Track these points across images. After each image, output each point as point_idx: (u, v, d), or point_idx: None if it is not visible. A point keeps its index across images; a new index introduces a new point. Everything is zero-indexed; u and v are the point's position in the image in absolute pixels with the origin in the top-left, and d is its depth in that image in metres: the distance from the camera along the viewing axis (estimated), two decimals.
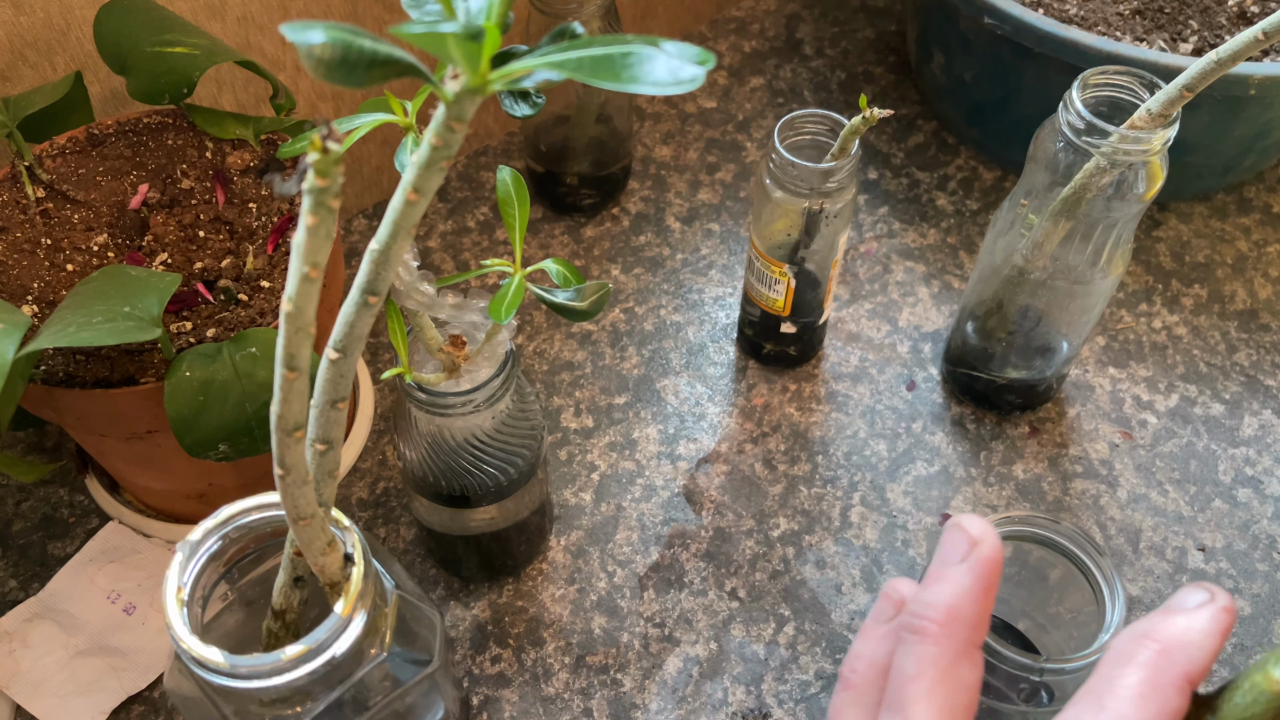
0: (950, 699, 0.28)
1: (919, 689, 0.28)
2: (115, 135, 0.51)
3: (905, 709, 0.28)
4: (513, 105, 0.35)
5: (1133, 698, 0.26)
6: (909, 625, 0.29)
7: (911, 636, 0.29)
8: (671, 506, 0.57)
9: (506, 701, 0.51)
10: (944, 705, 0.28)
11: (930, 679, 0.28)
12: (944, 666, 0.28)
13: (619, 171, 0.70)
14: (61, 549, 0.55)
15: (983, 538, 0.30)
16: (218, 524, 0.36)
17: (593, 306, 0.41)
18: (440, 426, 0.44)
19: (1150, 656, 0.27)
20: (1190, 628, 0.27)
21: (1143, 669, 0.27)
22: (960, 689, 0.28)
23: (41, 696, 0.50)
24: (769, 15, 0.83)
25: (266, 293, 0.48)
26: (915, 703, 0.28)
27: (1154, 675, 0.27)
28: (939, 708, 0.28)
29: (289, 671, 0.33)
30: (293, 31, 0.20)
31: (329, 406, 0.29)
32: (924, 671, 0.28)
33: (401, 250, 0.25)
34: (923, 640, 0.29)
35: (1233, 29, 0.64)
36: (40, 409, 0.46)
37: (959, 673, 0.29)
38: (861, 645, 0.32)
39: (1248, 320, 0.66)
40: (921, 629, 0.29)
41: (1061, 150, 0.48)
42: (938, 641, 0.29)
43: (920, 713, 0.28)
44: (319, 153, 0.21)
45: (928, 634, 0.29)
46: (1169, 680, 0.27)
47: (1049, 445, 0.60)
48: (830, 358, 0.64)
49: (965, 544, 0.30)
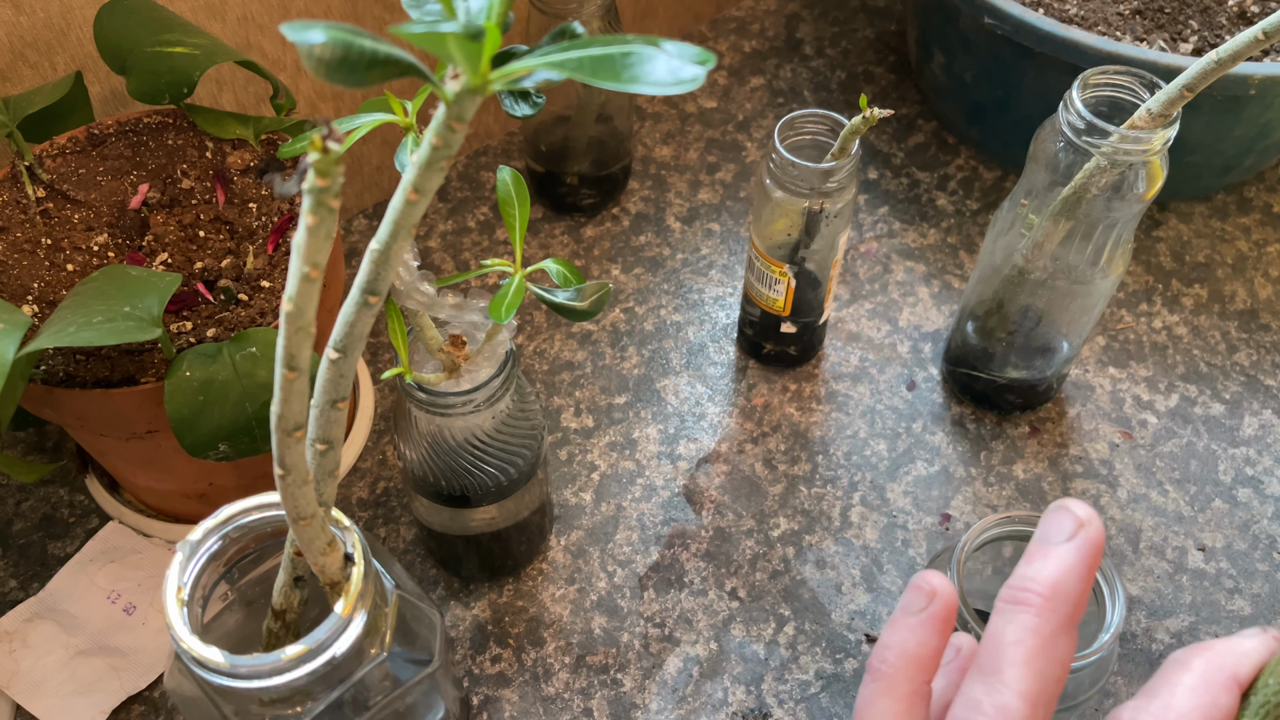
0: (1047, 668, 0.29)
1: (1017, 654, 0.29)
2: (115, 135, 0.51)
3: (1001, 671, 0.29)
4: (513, 105, 0.35)
5: (1187, 692, 0.29)
6: (1010, 597, 0.30)
7: (1011, 607, 0.30)
8: (671, 506, 0.57)
9: (506, 701, 0.51)
10: (1041, 672, 0.29)
11: (1030, 646, 0.29)
12: (1045, 637, 0.29)
13: (619, 171, 0.70)
14: (61, 549, 0.55)
15: (1089, 520, 0.31)
16: (218, 524, 0.36)
17: (593, 306, 0.41)
18: (440, 426, 0.44)
19: (1201, 662, 0.29)
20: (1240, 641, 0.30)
21: (1195, 670, 0.29)
22: (1055, 661, 0.29)
23: (41, 696, 0.50)
24: (769, 15, 0.83)
25: (266, 293, 0.48)
26: (1013, 666, 0.29)
27: (1207, 675, 0.29)
28: (1036, 673, 0.29)
29: (289, 671, 0.33)
30: (293, 31, 0.20)
31: (329, 406, 0.29)
32: (1024, 639, 0.29)
33: (402, 250, 0.25)
34: (1025, 610, 0.30)
35: (1233, 29, 0.64)
36: (40, 409, 0.46)
37: (1057, 645, 0.29)
38: (891, 636, 0.32)
39: (1248, 320, 0.66)
40: (1025, 600, 0.30)
41: (1061, 150, 0.48)
42: (1040, 613, 0.30)
43: (1017, 677, 0.29)
44: (319, 153, 0.21)
45: (1030, 605, 0.30)
46: (1219, 680, 0.29)
47: (1049, 445, 0.60)
48: (830, 358, 0.64)
49: (1072, 524, 0.31)
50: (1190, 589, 0.55)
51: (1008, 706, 0.28)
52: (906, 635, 0.32)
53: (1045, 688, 0.29)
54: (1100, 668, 0.41)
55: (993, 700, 0.28)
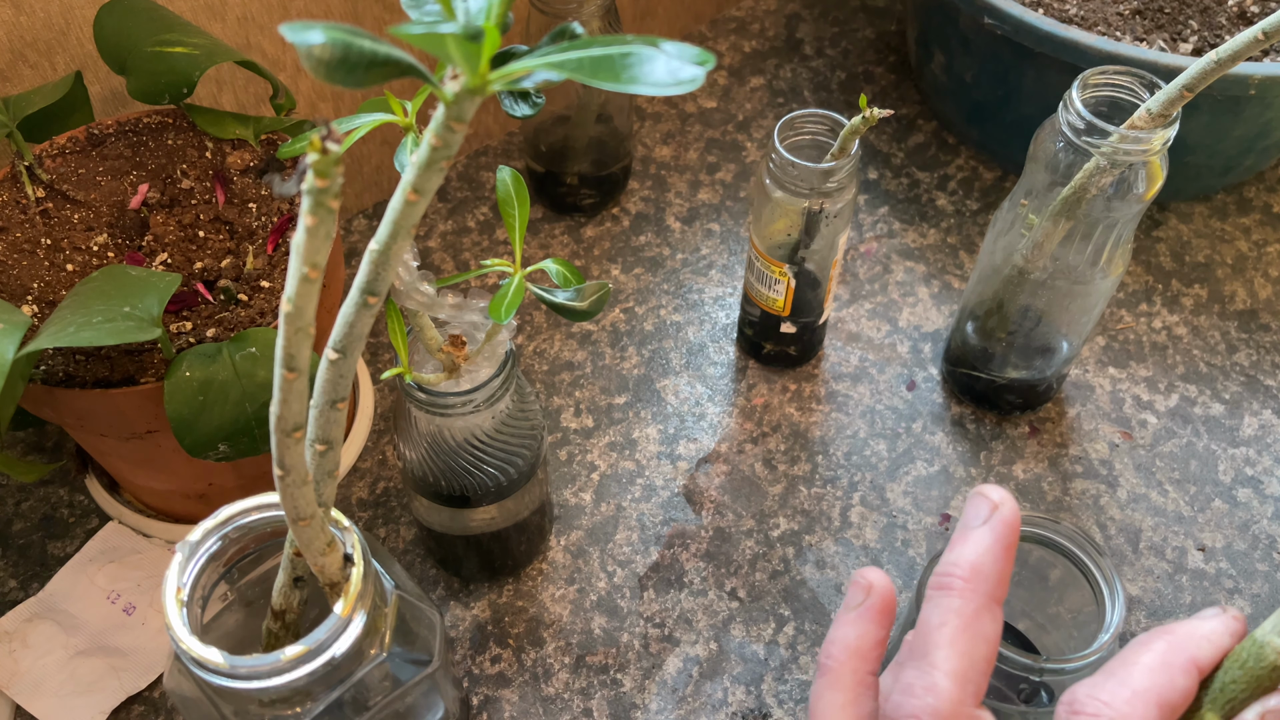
0: (972, 647, 0.30)
1: (943, 635, 0.30)
2: (115, 135, 0.51)
3: (929, 654, 0.30)
4: (513, 105, 0.35)
5: (1145, 671, 0.30)
6: (935, 583, 0.31)
7: (937, 592, 0.31)
8: (671, 506, 0.57)
9: (506, 701, 0.51)
10: (966, 651, 0.30)
11: (954, 627, 0.30)
12: (967, 616, 0.30)
13: (619, 171, 0.70)
14: (61, 549, 0.55)
15: (1003, 502, 0.32)
16: (218, 524, 0.36)
17: (593, 306, 0.41)
18: (440, 426, 0.44)
19: (1163, 643, 0.30)
20: (1202, 625, 0.31)
21: (1155, 650, 0.30)
22: (981, 639, 0.30)
23: (41, 696, 0.50)
24: (769, 15, 0.83)
25: (266, 293, 0.48)
26: (939, 648, 0.30)
27: (1166, 656, 0.30)
28: (961, 653, 0.30)
29: (289, 672, 0.33)
30: (292, 32, 0.20)
31: (329, 407, 0.29)
32: (948, 620, 0.30)
33: (401, 250, 0.25)
34: (948, 594, 0.31)
35: (1233, 29, 0.64)
36: (40, 409, 0.46)
37: (980, 624, 0.30)
38: (834, 632, 0.34)
39: (1248, 320, 0.66)
40: (947, 584, 0.31)
41: (1061, 150, 0.48)
42: (962, 594, 0.31)
43: (944, 657, 0.30)
44: (318, 153, 0.21)
45: (952, 588, 0.31)
46: (1178, 662, 0.30)
47: (1049, 445, 0.60)
48: (830, 358, 0.64)
49: (987, 508, 0.32)
50: (1190, 589, 0.55)
51: (936, 686, 0.29)
52: (848, 629, 0.33)
53: (973, 664, 0.30)
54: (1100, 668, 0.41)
55: (923, 682, 0.30)
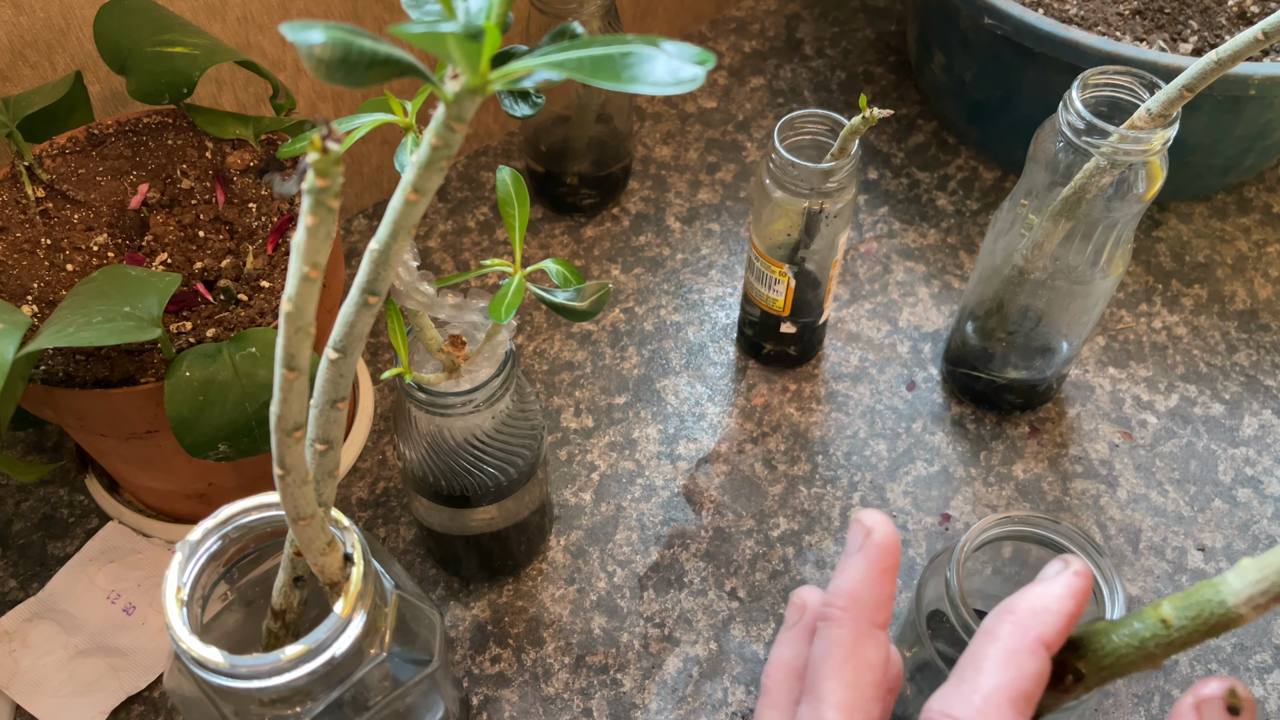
0: (856, 675, 0.30)
1: (828, 668, 0.31)
2: (115, 135, 0.51)
3: (816, 687, 0.30)
4: (513, 105, 0.35)
5: (992, 667, 0.29)
6: (820, 615, 0.32)
7: (822, 625, 0.32)
8: (671, 506, 0.57)
9: (506, 701, 0.51)
10: (851, 681, 0.30)
11: (837, 658, 0.31)
12: (848, 646, 0.31)
13: (619, 171, 0.70)
14: (61, 549, 0.55)
15: (875, 526, 0.32)
16: (217, 524, 0.36)
17: (593, 306, 0.41)
18: (440, 426, 0.44)
19: (1007, 628, 0.30)
20: (1044, 594, 0.31)
21: (1000, 639, 0.30)
22: (865, 667, 0.31)
23: (41, 696, 0.50)
24: (769, 15, 0.83)
25: (266, 293, 0.48)
26: (824, 680, 0.30)
27: (1011, 643, 0.30)
28: (846, 683, 0.30)
29: (289, 671, 0.33)
30: (293, 31, 0.20)
31: (329, 406, 0.29)
32: (831, 652, 0.31)
33: (401, 250, 0.25)
34: (829, 625, 0.31)
35: (1233, 29, 0.64)
36: (40, 409, 0.46)
37: (863, 651, 0.31)
38: (775, 652, 0.34)
39: (1248, 320, 0.66)
40: (828, 615, 0.31)
41: (1061, 150, 0.48)
42: (841, 624, 0.31)
43: (829, 690, 0.30)
44: (319, 153, 0.21)
45: (833, 619, 0.31)
46: (1024, 646, 0.29)
47: (1049, 445, 0.60)
48: (830, 358, 0.64)
49: (862, 534, 0.32)
50: None
51: None
52: (786, 650, 0.34)
53: (860, 694, 0.30)
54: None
55: (812, 717, 0.30)
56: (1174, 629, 0.28)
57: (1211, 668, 0.52)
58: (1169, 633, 0.28)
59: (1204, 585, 0.28)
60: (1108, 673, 0.30)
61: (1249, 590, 0.27)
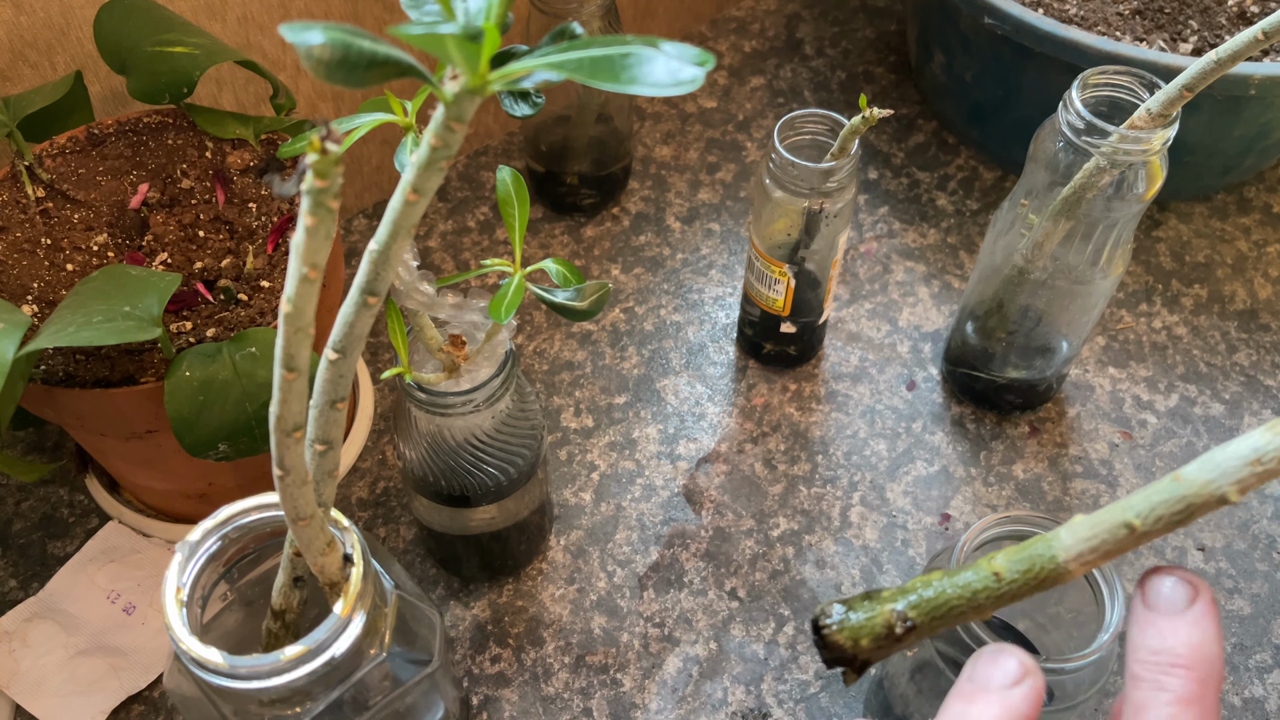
0: None
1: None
2: (115, 135, 0.51)
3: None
4: (512, 105, 0.35)
5: None
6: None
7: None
8: (671, 506, 0.57)
9: (506, 701, 0.51)
10: None
11: None
12: None
13: (619, 171, 0.70)
14: (61, 549, 0.55)
15: (1031, 670, 0.29)
16: (217, 524, 0.36)
17: (593, 306, 0.41)
18: (440, 426, 0.44)
19: None
20: None
21: None
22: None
23: (41, 696, 0.50)
24: (769, 15, 0.83)
25: (266, 293, 0.48)
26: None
27: None
28: None
29: (288, 672, 0.33)
30: (292, 32, 0.20)
31: (328, 407, 0.29)
32: None
33: (401, 250, 0.25)
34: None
35: (1233, 29, 0.64)
36: (40, 409, 0.46)
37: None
38: None
39: (1248, 320, 0.66)
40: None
41: (1061, 150, 0.48)
42: None
43: None
44: (318, 153, 0.21)
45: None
46: None
47: (1049, 445, 0.60)
48: (830, 358, 0.64)
49: (1016, 669, 0.29)
50: None
51: None
52: None
53: None
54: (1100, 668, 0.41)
55: None
56: (1005, 581, 0.29)
57: None
58: (999, 585, 0.29)
59: (1037, 540, 0.29)
60: (939, 622, 0.30)
61: (1079, 547, 0.28)
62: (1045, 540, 0.29)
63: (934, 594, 0.30)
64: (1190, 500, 0.27)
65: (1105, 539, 0.28)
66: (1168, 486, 0.27)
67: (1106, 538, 0.27)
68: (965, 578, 0.29)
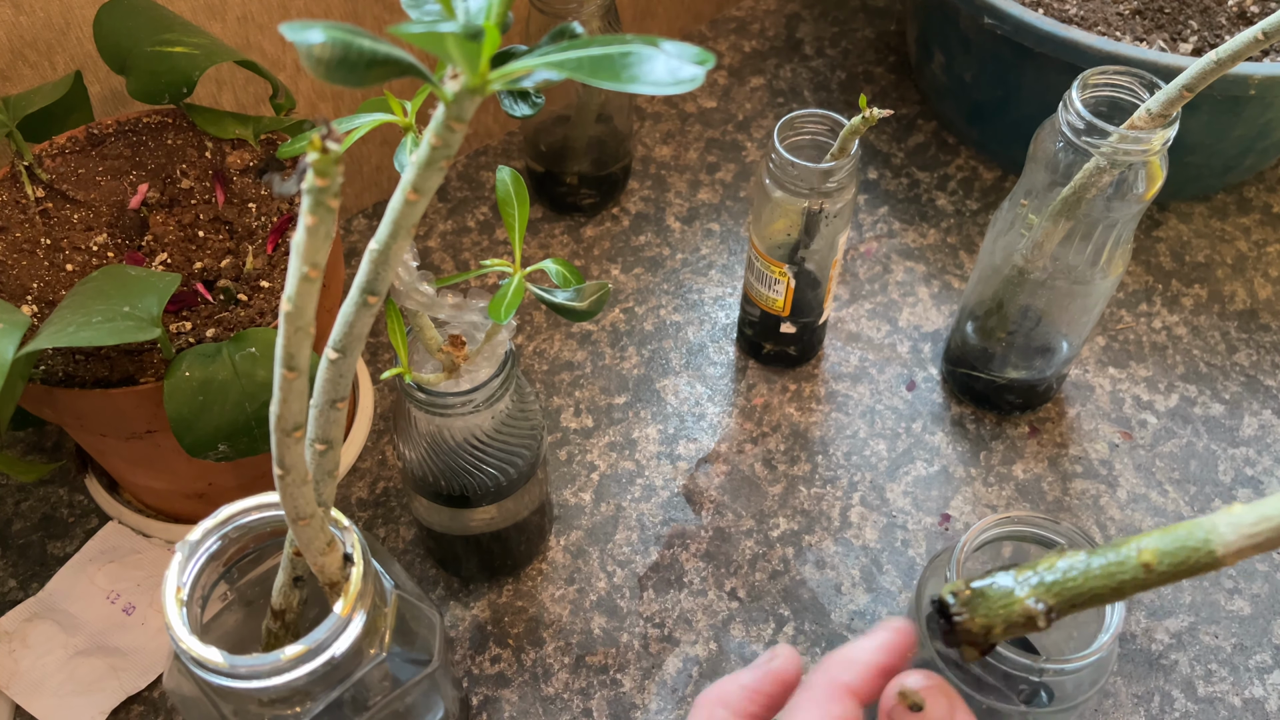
0: None
1: None
2: (115, 135, 0.51)
3: None
4: (512, 105, 0.35)
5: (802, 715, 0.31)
6: None
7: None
8: (671, 506, 0.57)
9: (506, 701, 0.51)
10: None
11: None
12: None
13: (619, 171, 0.70)
14: (61, 549, 0.55)
15: (779, 652, 0.34)
16: (217, 524, 0.36)
17: (593, 306, 0.41)
18: (440, 426, 0.44)
19: (818, 677, 0.32)
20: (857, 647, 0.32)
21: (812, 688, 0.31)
22: None
23: (41, 696, 0.50)
24: (769, 15, 0.83)
25: (266, 292, 0.48)
26: None
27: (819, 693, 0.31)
28: None
29: (288, 671, 0.33)
30: (292, 31, 0.20)
31: (328, 406, 0.29)
32: None
33: (401, 250, 0.25)
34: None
35: (1233, 29, 0.64)
36: (40, 409, 0.46)
37: None
38: None
39: (1248, 320, 0.66)
40: None
41: (1061, 150, 0.48)
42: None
43: None
44: (318, 152, 0.21)
45: None
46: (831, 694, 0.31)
47: (1049, 445, 0.60)
48: (830, 358, 0.64)
49: (765, 658, 0.34)
50: (1190, 589, 0.55)
51: None
52: None
53: None
54: (1100, 668, 0.41)
55: None
56: (1154, 573, 0.28)
57: (1211, 667, 0.52)
58: (1147, 576, 0.28)
59: (1191, 527, 0.28)
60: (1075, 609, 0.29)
61: (1241, 543, 0.27)
62: (1202, 530, 0.27)
63: (1077, 580, 0.29)
64: None
65: (1270, 527, 0.26)
66: None
67: (1272, 526, 0.26)
68: (1110, 563, 0.29)
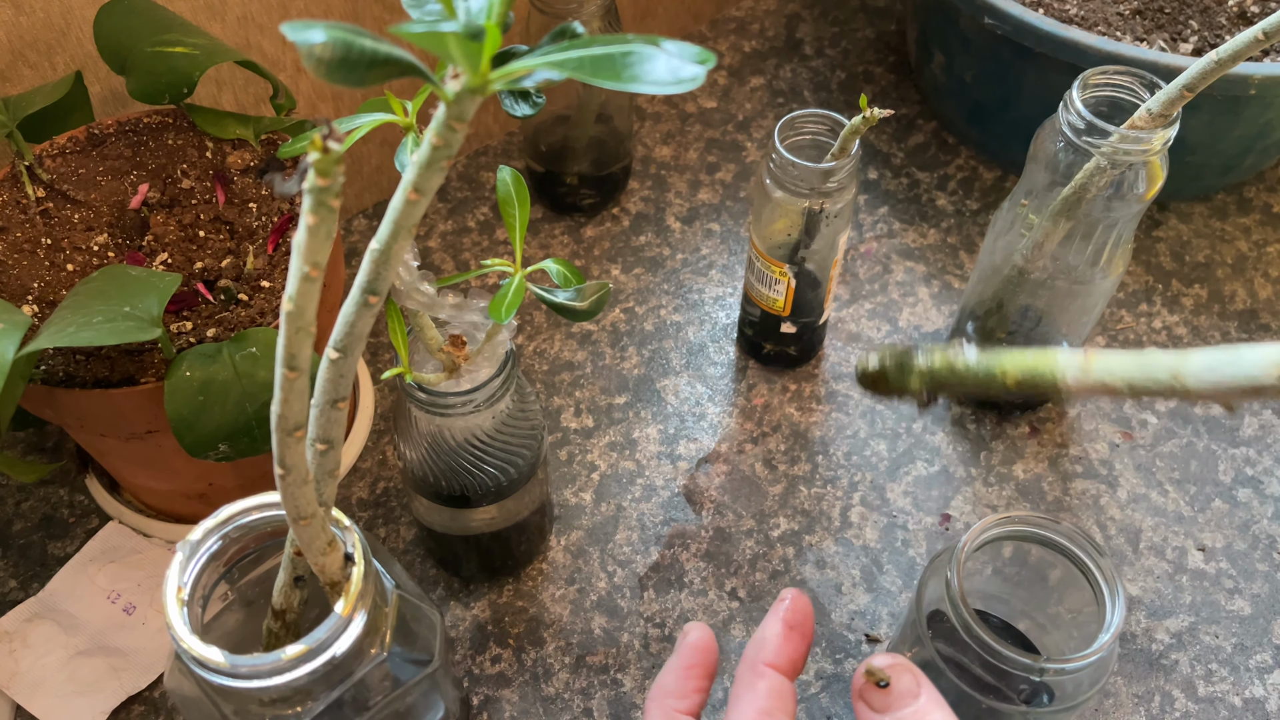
0: None
1: None
2: (115, 135, 0.51)
3: None
4: (513, 105, 0.35)
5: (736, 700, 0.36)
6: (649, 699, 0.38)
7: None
8: (671, 506, 0.57)
9: (506, 701, 0.51)
10: None
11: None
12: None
13: (619, 171, 0.70)
14: (61, 549, 0.55)
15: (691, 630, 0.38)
16: (218, 524, 0.36)
17: (593, 306, 0.41)
18: (440, 426, 0.44)
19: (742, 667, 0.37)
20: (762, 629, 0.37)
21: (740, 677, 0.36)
22: None
23: (41, 696, 0.50)
24: (769, 15, 0.83)
25: (266, 293, 0.48)
26: None
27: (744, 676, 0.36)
28: None
29: (289, 671, 0.33)
30: (293, 31, 0.20)
31: (329, 406, 0.29)
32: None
33: (402, 250, 0.25)
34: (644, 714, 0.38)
35: (1233, 29, 0.64)
36: (40, 409, 0.46)
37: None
38: None
39: (1248, 320, 0.66)
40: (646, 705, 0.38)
41: (1061, 150, 0.48)
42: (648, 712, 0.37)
43: None
44: (320, 152, 0.21)
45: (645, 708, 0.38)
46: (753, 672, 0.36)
47: (1049, 445, 0.60)
48: (830, 358, 0.64)
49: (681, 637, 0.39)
50: (1190, 589, 0.55)
51: None
52: None
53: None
54: (1100, 668, 0.41)
55: None
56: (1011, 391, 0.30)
57: (1212, 667, 0.52)
58: (1006, 392, 0.30)
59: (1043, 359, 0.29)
60: (946, 390, 0.32)
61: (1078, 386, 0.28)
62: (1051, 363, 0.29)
63: (956, 371, 0.31)
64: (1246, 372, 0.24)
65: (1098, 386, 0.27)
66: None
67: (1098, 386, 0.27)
68: (983, 371, 0.30)
